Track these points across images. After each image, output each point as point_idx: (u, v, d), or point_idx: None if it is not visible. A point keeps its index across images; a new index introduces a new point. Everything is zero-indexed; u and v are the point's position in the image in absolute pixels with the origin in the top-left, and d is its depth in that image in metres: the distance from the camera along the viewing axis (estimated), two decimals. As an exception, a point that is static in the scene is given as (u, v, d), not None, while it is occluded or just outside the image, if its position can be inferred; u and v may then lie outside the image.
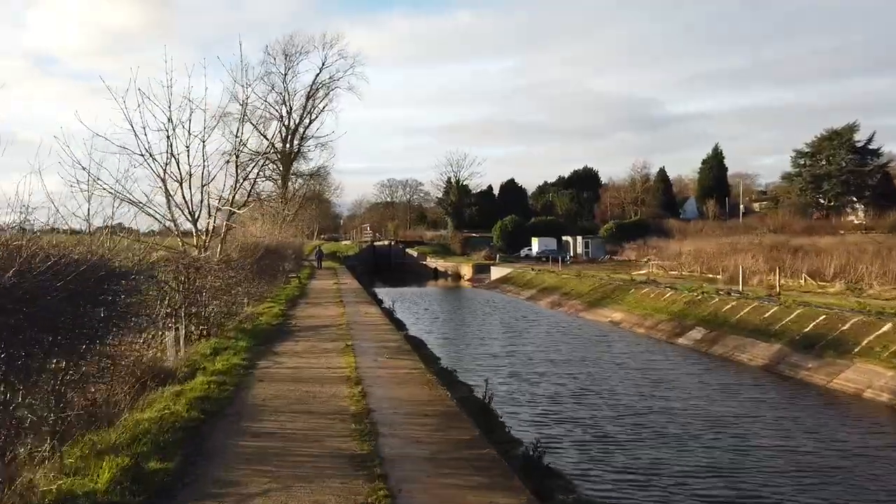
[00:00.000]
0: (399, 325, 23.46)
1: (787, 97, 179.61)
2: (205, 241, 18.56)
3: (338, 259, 67.79)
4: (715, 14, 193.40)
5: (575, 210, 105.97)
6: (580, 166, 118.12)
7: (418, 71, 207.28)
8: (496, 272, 59.52)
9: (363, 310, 23.36)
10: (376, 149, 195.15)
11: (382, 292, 49.81)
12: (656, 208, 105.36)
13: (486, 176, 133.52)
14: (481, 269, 65.83)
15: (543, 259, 74.04)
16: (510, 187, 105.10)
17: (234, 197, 18.89)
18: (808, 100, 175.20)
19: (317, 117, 69.01)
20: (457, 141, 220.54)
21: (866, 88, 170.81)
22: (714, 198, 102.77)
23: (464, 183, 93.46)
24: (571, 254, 77.69)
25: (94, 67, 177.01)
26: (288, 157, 67.98)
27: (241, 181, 19.11)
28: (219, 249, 19.19)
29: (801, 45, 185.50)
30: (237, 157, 18.78)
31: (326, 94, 68.21)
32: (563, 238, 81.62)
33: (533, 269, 53.50)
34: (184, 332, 13.41)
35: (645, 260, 62.10)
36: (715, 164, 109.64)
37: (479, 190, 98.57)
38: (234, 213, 19.09)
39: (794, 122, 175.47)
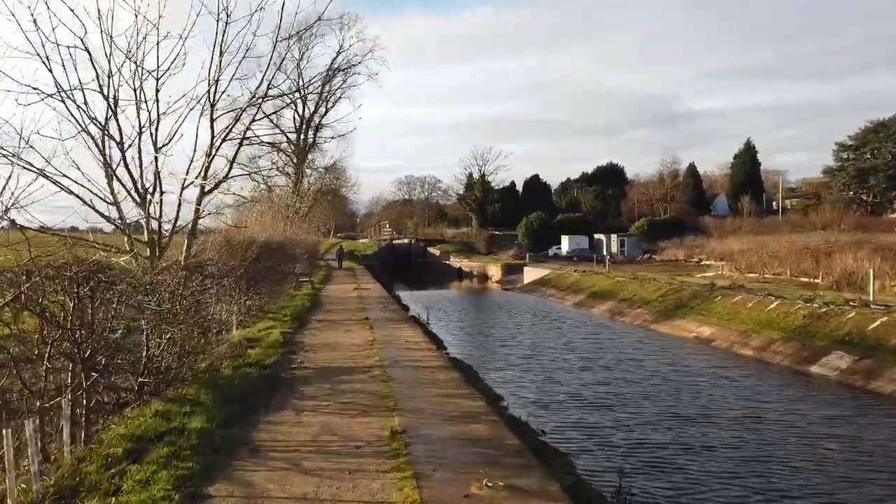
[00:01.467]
0: (459, 364, 15.98)
1: (811, 92, 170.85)
2: (159, 238, 11.51)
3: (356, 258, 60.79)
4: (736, 8, 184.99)
5: (600, 207, 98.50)
6: (602, 162, 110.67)
7: (432, 70, 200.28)
8: (530, 273, 52.24)
9: (399, 334, 16.10)
10: (393, 147, 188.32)
11: (406, 296, 42.69)
12: (686, 205, 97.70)
13: (508, 172, 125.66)
14: (511, 270, 58.61)
15: (574, 259, 66.87)
16: (534, 183, 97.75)
17: (207, 167, 11.82)
18: (834, 95, 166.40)
19: (333, 105, 61.98)
20: (472, 139, 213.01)
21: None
22: (749, 194, 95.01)
23: (487, 178, 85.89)
24: (605, 253, 70.38)
25: None
26: (302, 149, 61.04)
27: (221, 139, 11.98)
28: (185, 248, 12.14)
29: (826, 39, 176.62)
30: (212, 99, 11.65)
31: (344, 81, 61.16)
32: (595, 236, 74.23)
33: (575, 271, 46.25)
34: (67, 411, 6.41)
35: (697, 260, 54.62)
36: (748, 160, 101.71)
37: (501, 186, 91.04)
38: (205, 190, 11.97)
39: (819, 118, 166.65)
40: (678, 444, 12.84)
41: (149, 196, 11.58)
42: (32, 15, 9.75)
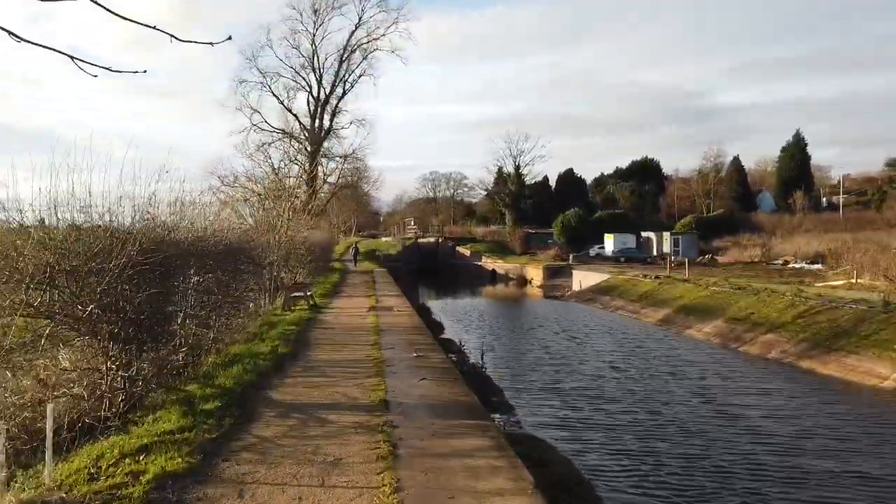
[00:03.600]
0: None
1: (844, 86, 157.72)
2: None
3: (377, 259, 50.89)
4: (769, 3, 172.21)
5: (637, 204, 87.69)
6: (637, 157, 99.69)
7: (455, 68, 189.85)
8: (582, 278, 41.92)
9: (476, 485, 5.82)
10: (416, 145, 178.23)
11: (438, 308, 32.76)
12: (731, 201, 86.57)
13: (546, 163, 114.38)
14: (555, 273, 48.38)
15: (622, 260, 56.48)
16: (568, 178, 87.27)
17: None
18: (867, 88, 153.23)
19: (352, 87, 52.17)
20: (496, 137, 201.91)
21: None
22: (802, 189, 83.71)
23: (522, 171, 75.35)
24: (655, 253, 59.94)
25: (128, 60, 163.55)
26: (317, 135, 51.38)
27: None
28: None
29: (860, 32, 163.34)
30: None
31: (364, 58, 51.31)
32: (643, 234, 63.69)
33: (645, 276, 36.01)
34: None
35: (782, 262, 43.99)
36: (797, 152, 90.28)
37: (533, 181, 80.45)
38: None
39: (851, 113, 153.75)
40: None
41: None
42: None
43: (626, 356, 20.86)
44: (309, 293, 19.81)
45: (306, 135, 51.20)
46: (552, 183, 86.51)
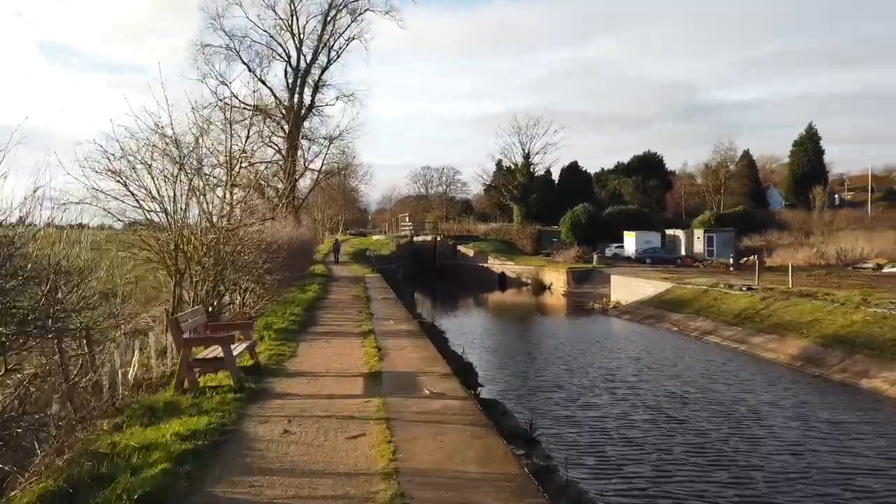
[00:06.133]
0: None
1: (843, 83, 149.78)
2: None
3: (369, 262, 40.30)
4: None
5: (641, 200, 77.85)
6: (639, 152, 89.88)
7: (449, 64, 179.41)
8: (625, 285, 31.74)
9: None
10: (406, 142, 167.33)
11: (450, 327, 22.52)
12: (742, 198, 77.09)
13: (554, 152, 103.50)
14: (583, 278, 38.24)
15: (648, 261, 46.59)
16: (572, 173, 77.10)
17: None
18: (856, 88, 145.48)
19: (338, 55, 41.56)
20: (488, 132, 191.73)
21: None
22: (822, 184, 74.49)
23: (532, 160, 64.83)
24: (684, 252, 50.10)
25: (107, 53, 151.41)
26: (297, 113, 40.73)
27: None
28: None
29: (854, 29, 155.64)
30: None
31: (353, 20, 40.70)
32: (668, 232, 53.80)
33: (722, 285, 25.92)
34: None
35: (874, 265, 33.98)
36: (810, 147, 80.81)
37: (538, 174, 70.20)
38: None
39: (845, 111, 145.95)
40: None
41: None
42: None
43: (802, 441, 10.63)
44: (247, 344, 9.35)
45: (283, 112, 40.50)
46: (555, 178, 76.38)
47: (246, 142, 14.68)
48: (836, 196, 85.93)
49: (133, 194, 12.21)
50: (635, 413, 12.58)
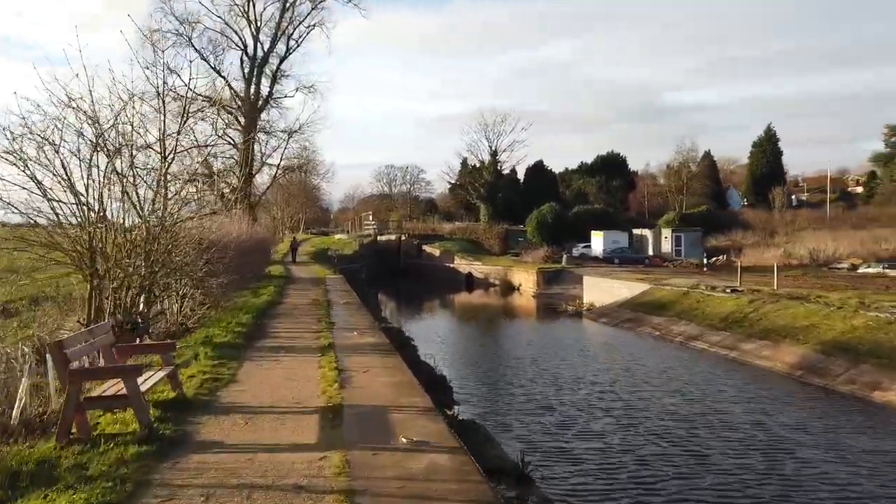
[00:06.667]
0: None
1: (799, 85, 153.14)
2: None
3: (331, 262, 37.82)
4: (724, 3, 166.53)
5: (605, 200, 77.10)
6: (602, 153, 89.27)
7: (412, 64, 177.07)
8: (597, 286, 30.22)
9: None
10: (369, 140, 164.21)
11: (417, 332, 20.52)
12: (703, 198, 77.08)
13: (521, 150, 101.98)
14: (553, 279, 36.69)
15: (616, 261, 45.40)
16: (537, 172, 75.68)
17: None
18: (817, 89, 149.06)
19: (298, 44, 39.00)
20: (449, 132, 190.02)
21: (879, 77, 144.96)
22: (781, 185, 74.99)
23: (499, 158, 63.20)
24: (651, 252, 49.11)
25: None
26: (253, 104, 38.03)
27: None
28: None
29: (813, 35, 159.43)
30: None
31: (314, 6, 38.17)
32: (636, 232, 52.82)
33: (703, 287, 24.55)
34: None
35: (849, 265, 33.08)
36: (769, 147, 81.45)
37: (504, 173, 68.66)
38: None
39: (800, 114, 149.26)
40: None
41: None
42: None
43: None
44: (167, 371, 7.14)
45: (239, 104, 37.75)
46: (520, 177, 74.92)
47: (183, 122, 12.23)
48: (794, 197, 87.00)
49: (38, 182, 9.84)
50: (642, 443, 10.74)
